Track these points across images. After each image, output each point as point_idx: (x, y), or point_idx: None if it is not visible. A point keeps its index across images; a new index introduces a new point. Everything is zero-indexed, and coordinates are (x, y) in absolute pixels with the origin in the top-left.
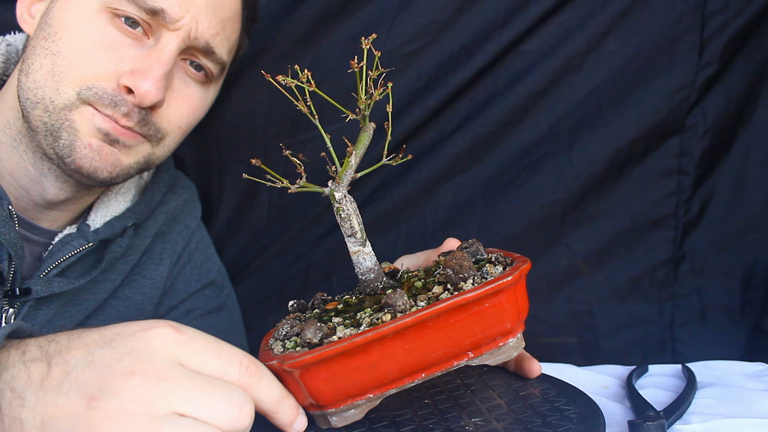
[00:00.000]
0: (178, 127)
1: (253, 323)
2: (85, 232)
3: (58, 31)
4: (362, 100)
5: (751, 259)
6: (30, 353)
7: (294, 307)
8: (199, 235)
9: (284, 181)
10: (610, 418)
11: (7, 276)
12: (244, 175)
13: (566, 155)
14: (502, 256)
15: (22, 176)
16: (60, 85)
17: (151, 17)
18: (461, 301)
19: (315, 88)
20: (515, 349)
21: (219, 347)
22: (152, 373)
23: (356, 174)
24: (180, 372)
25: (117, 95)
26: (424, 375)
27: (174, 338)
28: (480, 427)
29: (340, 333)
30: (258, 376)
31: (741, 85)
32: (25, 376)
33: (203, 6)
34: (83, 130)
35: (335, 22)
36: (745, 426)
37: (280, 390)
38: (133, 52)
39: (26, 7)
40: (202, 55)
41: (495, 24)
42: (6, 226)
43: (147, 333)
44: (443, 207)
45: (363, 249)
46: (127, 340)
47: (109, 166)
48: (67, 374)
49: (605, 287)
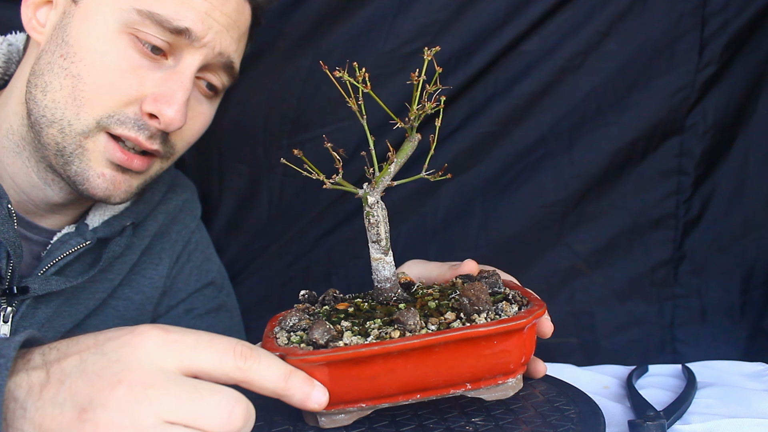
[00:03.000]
0: (188, 143)
1: (253, 323)
2: (83, 230)
3: (77, 51)
4: (413, 111)
5: (751, 259)
6: (33, 361)
7: (305, 297)
8: (198, 234)
9: (321, 175)
10: (610, 418)
11: (5, 274)
12: (283, 160)
13: (566, 155)
14: (519, 295)
15: (24, 181)
16: (81, 111)
17: (175, 37)
18: (471, 335)
19: (370, 90)
20: (513, 389)
21: (211, 339)
22: (138, 381)
23: (392, 182)
24: (167, 378)
25: (140, 120)
26: (419, 396)
27: (163, 340)
28: (480, 427)
29: (346, 339)
30: (255, 359)
31: (741, 85)
32: (26, 386)
33: (224, 23)
34: (95, 159)
35: (335, 22)
36: (745, 426)
37: (284, 367)
38: (154, 76)
39: (32, 12)
40: (221, 71)
41: (495, 24)
42: (5, 224)
43: (136, 338)
44: (443, 207)
45: (384, 257)
46: (116, 346)
47: (122, 193)
48: (61, 383)
49: (605, 287)
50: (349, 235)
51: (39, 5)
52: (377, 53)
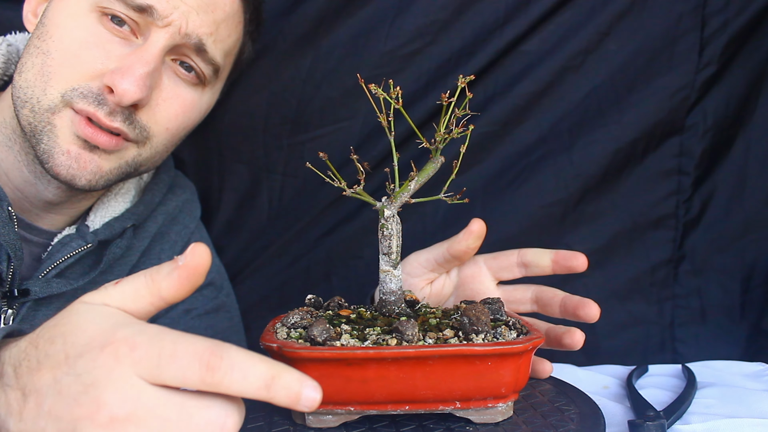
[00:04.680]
0: (166, 128)
1: (253, 323)
2: (84, 233)
3: (49, 29)
4: (440, 133)
5: (751, 259)
6: (6, 377)
7: (311, 301)
8: (198, 235)
9: (342, 183)
10: (610, 418)
11: (6, 277)
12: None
13: (566, 155)
14: (519, 324)
15: (17, 177)
16: (47, 86)
17: (139, 15)
18: (467, 352)
19: (401, 107)
20: (502, 415)
21: (174, 350)
22: (118, 407)
23: (411, 199)
24: (148, 400)
25: (101, 94)
26: (408, 408)
27: (131, 359)
28: (480, 427)
29: (344, 340)
30: (224, 370)
31: (741, 85)
32: (5, 404)
33: (194, 4)
34: (62, 135)
35: (335, 22)
36: (745, 426)
37: (265, 372)
38: (120, 51)
39: (32, 7)
40: (193, 54)
41: (495, 24)
42: (5, 227)
43: (107, 357)
44: (443, 207)
45: (393, 270)
46: (89, 367)
47: (88, 174)
48: (39, 407)
49: (605, 287)
50: (349, 235)
51: (40, 2)
52: (377, 53)
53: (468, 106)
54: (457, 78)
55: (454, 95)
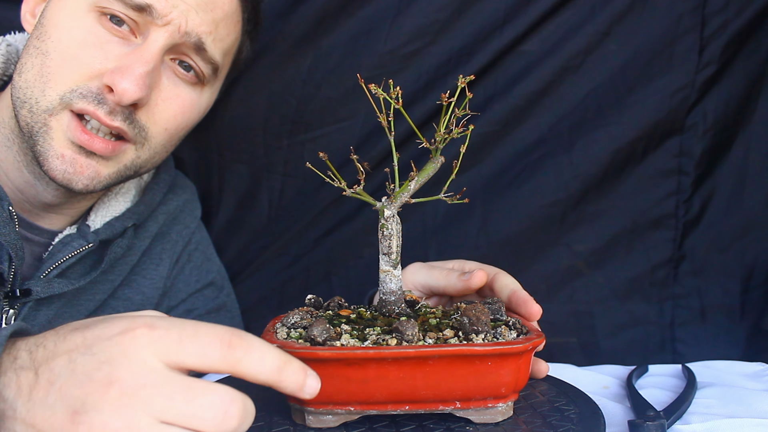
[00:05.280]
0: (165, 128)
1: (253, 323)
2: (85, 232)
3: (48, 30)
4: (440, 133)
5: (751, 259)
6: (20, 359)
7: (311, 302)
8: (198, 235)
9: (342, 183)
10: (610, 418)
11: (7, 277)
12: (308, 164)
13: (566, 155)
14: (519, 324)
15: (17, 178)
16: (46, 87)
17: (138, 14)
18: (467, 352)
19: (401, 107)
20: (502, 415)
21: (195, 331)
22: (129, 382)
23: (411, 199)
24: (158, 378)
25: (100, 94)
26: (408, 408)
27: (149, 338)
28: (480, 427)
29: (344, 340)
30: (245, 349)
31: (741, 85)
32: (15, 386)
33: (193, 3)
34: (57, 139)
35: (335, 22)
36: (745, 426)
37: (278, 357)
38: (119, 50)
39: (30, 7)
40: (193, 53)
41: (495, 24)
42: (6, 227)
43: (124, 337)
44: (443, 207)
45: (393, 271)
46: (105, 346)
47: (85, 179)
48: (51, 385)
49: (605, 287)
50: (349, 235)
51: (38, 2)
52: (377, 53)
53: (468, 106)
54: (457, 78)
55: (454, 95)
